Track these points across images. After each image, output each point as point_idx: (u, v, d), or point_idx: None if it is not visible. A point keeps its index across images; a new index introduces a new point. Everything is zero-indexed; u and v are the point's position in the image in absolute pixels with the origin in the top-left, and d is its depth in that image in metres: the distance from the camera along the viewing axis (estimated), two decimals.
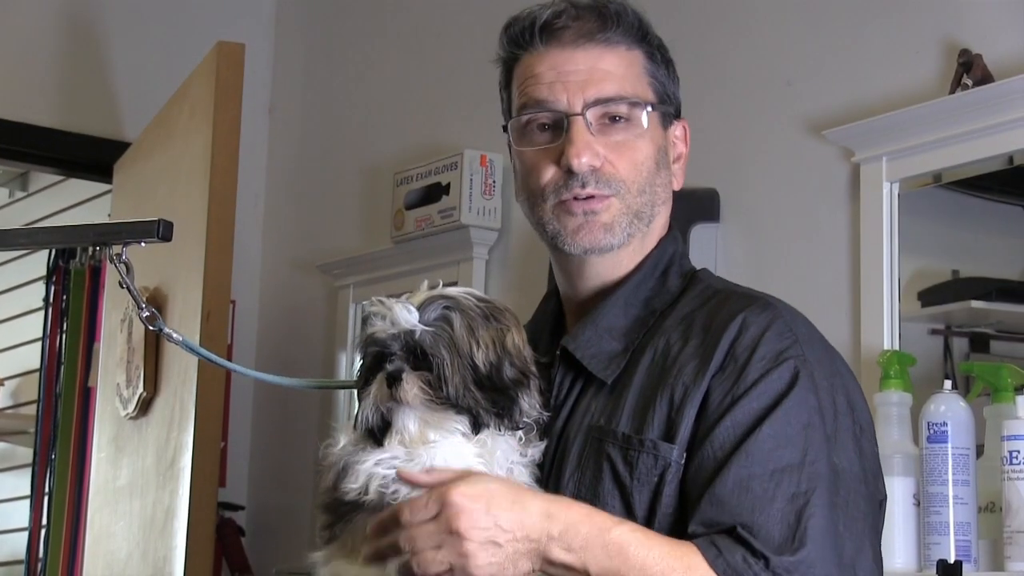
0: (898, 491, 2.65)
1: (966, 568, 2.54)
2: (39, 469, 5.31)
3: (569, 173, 1.82)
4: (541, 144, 1.85)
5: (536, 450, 1.75)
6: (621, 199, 1.82)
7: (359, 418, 1.71)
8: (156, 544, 3.81)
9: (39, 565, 5.22)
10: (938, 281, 2.98)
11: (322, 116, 4.68)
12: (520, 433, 1.73)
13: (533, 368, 1.74)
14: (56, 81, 4.56)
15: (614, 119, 1.84)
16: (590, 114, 1.82)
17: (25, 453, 5.71)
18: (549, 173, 1.84)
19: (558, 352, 1.83)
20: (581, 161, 1.81)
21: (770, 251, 3.22)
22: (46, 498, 5.24)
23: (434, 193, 3.95)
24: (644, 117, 1.84)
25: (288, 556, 4.39)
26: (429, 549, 1.62)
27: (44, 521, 5.24)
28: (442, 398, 1.68)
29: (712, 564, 1.61)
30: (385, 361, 1.69)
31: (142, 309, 1.89)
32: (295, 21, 4.84)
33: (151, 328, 1.92)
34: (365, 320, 1.74)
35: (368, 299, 1.76)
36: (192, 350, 1.98)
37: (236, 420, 4.58)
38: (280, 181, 4.79)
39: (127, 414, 4.12)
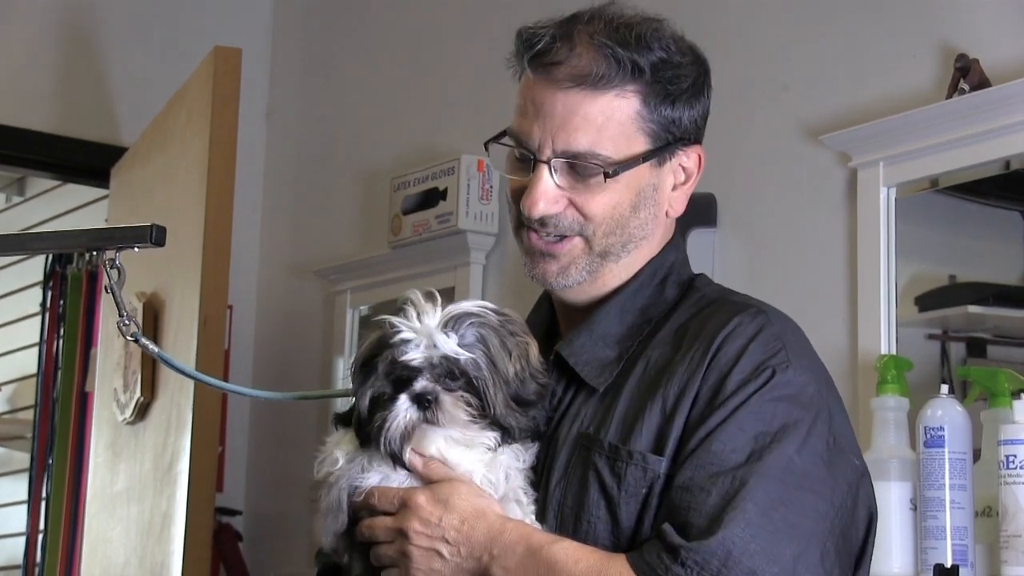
0: (895, 496, 2.65)
1: (963, 572, 2.54)
2: (36, 474, 5.31)
3: None
4: (516, 176, 1.83)
5: (531, 454, 1.77)
6: (586, 239, 1.81)
7: (382, 441, 1.69)
8: (153, 549, 3.81)
9: (36, 570, 5.22)
10: (935, 286, 2.98)
11: (319, 121, 4.68)
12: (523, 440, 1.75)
13: (547, 378, 1.76)
14: (53, 86, 4.56)
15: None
16: (556, 161, 1.78)
17: (22, 458, 5.71)
18: (517, 199, 1.83)
19: (551, 357, 1.83)
20: (533, 212, 1.79)
21: (767, 256, 3.22)
22: (43, 503, 5.24)
23: (431, 198, 3.95)
24: (602, 179, 1.79)
25: (286, 561, 4.39)
26: (383, 540, 1.70)
27: (41, 526, 5.24)
28: (480, 417, 1.69)
29: (632, 565, 1.63)
30: (410, 383, 1.69)
31: (121, 317, 1.88)
32: (292, 26, 4.84)
33: (128, 339, 1.90)
34: (383, 339, 1.71)
35: (380, 315, 1.73)
36: (167, 363, 1.97)
37: (233, 425, 4.58)
38: (277, 186, 4.79)
39: (124, 419, 4.12)
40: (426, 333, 1.69)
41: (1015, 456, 2.51)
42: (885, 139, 2.95)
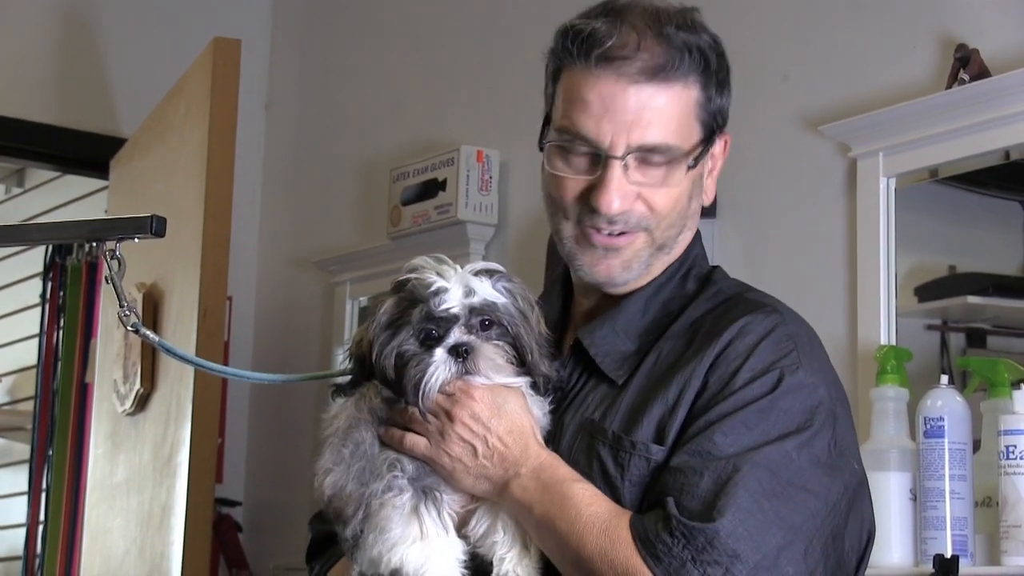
0: (894, 486, 2.65)
1: (963, 563, 2.54)
2: (36, 465, 5.31)
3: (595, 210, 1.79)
4: (576, 171, 1.79)
5: (548, 419, 1.79)
6: (649, 233, 1.80)
7: (420, 397, 1.69)
8: (153, 540, 3.81)
9: (37, 561, 5.22)
10: (935, 276, 2.98)
11: (319, 112, 4.68)
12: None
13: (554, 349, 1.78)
14: (52, 77, 4.56)
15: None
16: (630, 158, 1.77)
17: (22, 449, 5.71)
18: (575, 196, 1.80)
19: (571, 343, 1.83)
20: (611, 210, 1.77)
21: (767, 246, 3.22)
22: (44, 494, 5.24)
23: (431, 189, 3.95)
24: (683, 170, 1.79)
25: (285, 552, 4.39)
26: (428, 416, 1.71)
27: (42, 517, 5.24)
28: (517, 364, 1.71)
29: (631, 524, 1.65)
30: (440, 339, 1.69)
31: (122, 307, 1.87)
32: (292, 17, 4.84)
33: (129, 328, 1.90)
34: (404, 299, 1.70)
35: (399, 277, 1.72)
36: (168, 351, 1.97)
37: (233, 416, 4.58)
38: (277, 177, 4.79)
39: (124, 410, 4.12)
40: (463, 281, 1.69)
41: (1015, 446, 2.51)
42: (885, 129, 2.95)
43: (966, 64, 2.82)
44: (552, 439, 1.78)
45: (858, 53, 3.10)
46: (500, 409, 1.71)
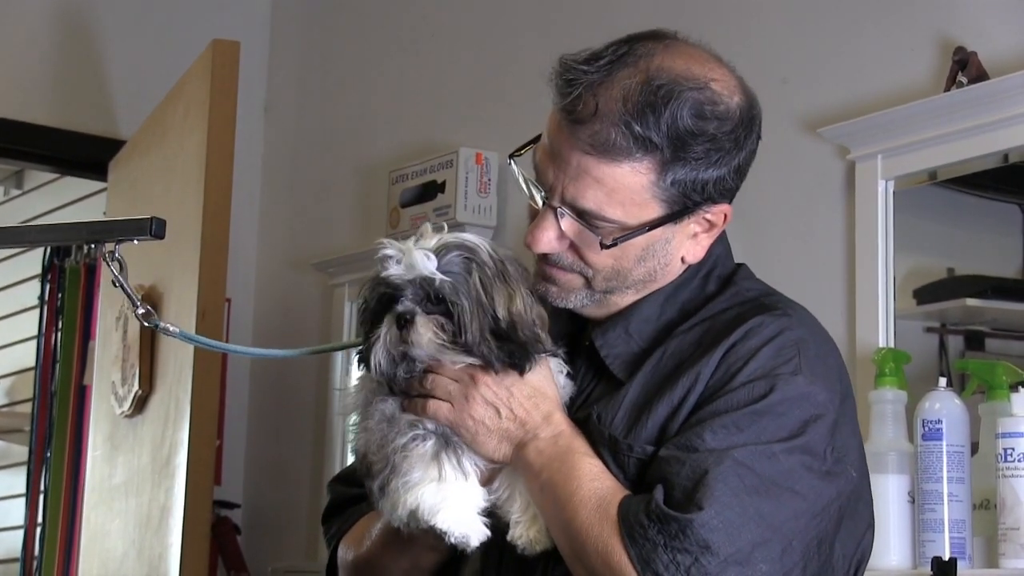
0: (893, 489, 2.65)
1: (961, 565, 2.55)
2: (35, 467, 5.32)
3: None
4: (535, 192, 1.80)
5: (571, 385, 1.79)
6: (587, 279, 1.79)
7: (372, 362, 1.71)
8: (152, 542, 3.81)
9: (35, 563, 5.22)
10: (933, 279, 2.99)
11: (317, 114, 4.68)
12: (559, 359, 1.78)
13: (542, 332, 1.75)
14: (51, 79, 4.56)
15: None
16: (563, 209, 1.76)
17: (21, 451, 5.71)
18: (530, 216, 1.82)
19: (585, 344, 1.82)
20: (533, 248, 1.78)
21: (765, 249, 3.22)
22: (42, 496, 5.25)
23: (429, 191, 3.95)
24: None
25: (284, 554, 4.39)
26: (451, 381, 1.73)
27: (40, 519, 5.24)
28: (455, 343, 1.70)
29: (620, 503, 1.66)
30: (395, 303, 1.70)
31: (137, 306, 1.88)
32: (291, 19, 4.84)
33: (147, 325, 1.90)
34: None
35: (379, 242, 1.75)
36: (191, 339, 1.98)
37: (232, 418, 4.58)
38: (275, 179, 4.79)
39: (123, 412, 4.12)
40: (407, 251, 1.71)
41: (1013, 449, 2.51)
42: (883, 132, 2.95)
43: (964, 67, 2.82)
44: None
45: (857, 56, 3.10)
46: (515, 375, 1.72)
